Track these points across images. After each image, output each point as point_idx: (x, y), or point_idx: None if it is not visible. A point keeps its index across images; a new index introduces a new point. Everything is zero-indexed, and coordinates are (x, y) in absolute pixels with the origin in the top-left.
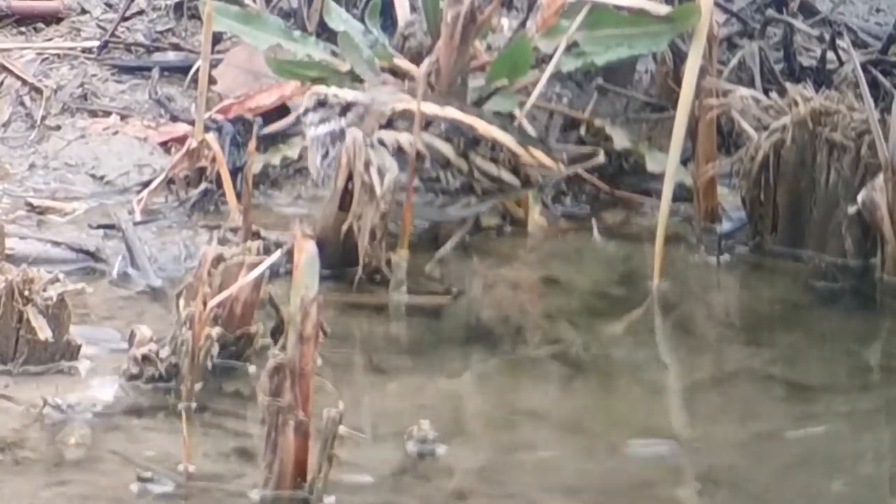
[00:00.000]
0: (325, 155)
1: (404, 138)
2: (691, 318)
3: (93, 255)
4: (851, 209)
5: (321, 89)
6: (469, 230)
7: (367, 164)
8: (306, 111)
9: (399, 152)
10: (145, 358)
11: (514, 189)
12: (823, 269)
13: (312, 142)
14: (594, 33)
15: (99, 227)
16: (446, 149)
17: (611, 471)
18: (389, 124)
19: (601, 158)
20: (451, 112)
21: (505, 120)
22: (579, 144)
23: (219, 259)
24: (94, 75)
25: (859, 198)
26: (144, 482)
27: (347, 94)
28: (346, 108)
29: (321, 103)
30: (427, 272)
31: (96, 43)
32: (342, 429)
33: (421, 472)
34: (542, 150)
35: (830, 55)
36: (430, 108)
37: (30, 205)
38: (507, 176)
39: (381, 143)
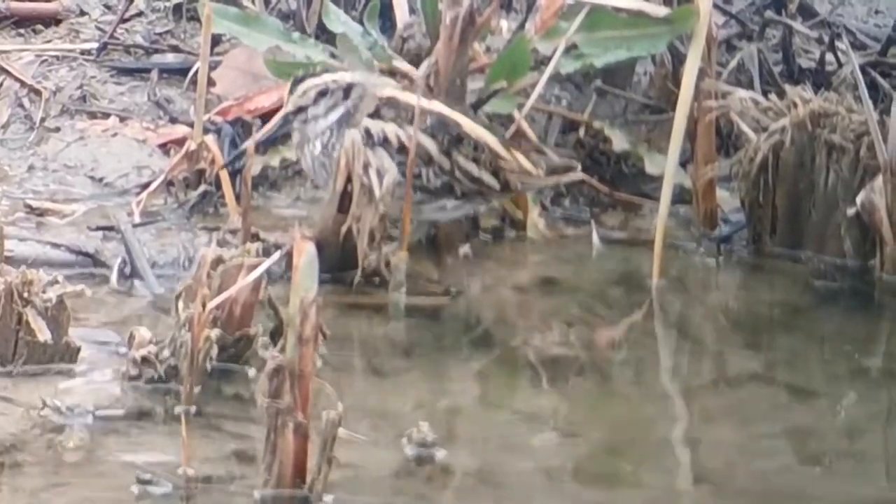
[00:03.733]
0: (326, 145)
1: (391, 129)
2: (691, 319)
3: (92, 257)
4: (850, 211)
5: (315, 81)
6: (464, 238)
7: (366, 166)
8: (301, 108)
9: (385, 143)
10: (144, 360)
11: (494, 192)
12: (823, 269)
13: (316, 135)
14: (593, 35)
15: (98, 228)
16: (430, 144)
17: (609, 473)
18: (376, 113)
19: (579, 174)
20: (438, 106)
21: (497, 123)
22: (578, 146)
23: (218, 261)
24: (93, 77)
25: (858, 199)
26: (144, 484)
27: (345, 77)
28: (347, 91)
29: (322, 94)
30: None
31: (95, 45)
32: (341, 430)
33: (420, 473)
34: (523, 154)
35: (829, 57)
36: (412, 99)
37: (29, 207)
38: (487, 178)
39: (368, 132)
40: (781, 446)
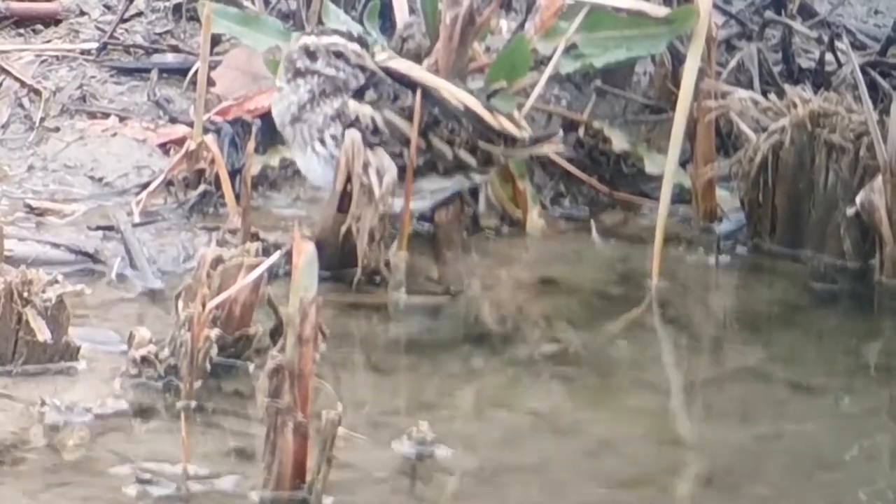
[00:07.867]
0: (313, 98)
1: (367, 111)
2: (690, 319)
3: (91, 257)
4: (850, 211)
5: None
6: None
7: (365, 166)
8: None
9: (356, 122)
10: (144, 359)
11: (473, 169)
12: (822, 270)
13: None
14: (593, 35)
15: (98, 228)
16: (406, 127)
17: (610, 472)
18: (359, 93)
19: (560, 137)
20: (420, 73)
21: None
22: (578, 146)
23: (218, 260)
24: (92, 77)
25: (858, 199)
26: (143, 484)
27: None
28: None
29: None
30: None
31: (95, 45)
32: (341, 430)
33: (419, 473)
34: (507, 118)
35: (829, 57)
36: (400, 65)
37: (29, 206)
38: (464, 156)
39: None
40: (780, 444)
